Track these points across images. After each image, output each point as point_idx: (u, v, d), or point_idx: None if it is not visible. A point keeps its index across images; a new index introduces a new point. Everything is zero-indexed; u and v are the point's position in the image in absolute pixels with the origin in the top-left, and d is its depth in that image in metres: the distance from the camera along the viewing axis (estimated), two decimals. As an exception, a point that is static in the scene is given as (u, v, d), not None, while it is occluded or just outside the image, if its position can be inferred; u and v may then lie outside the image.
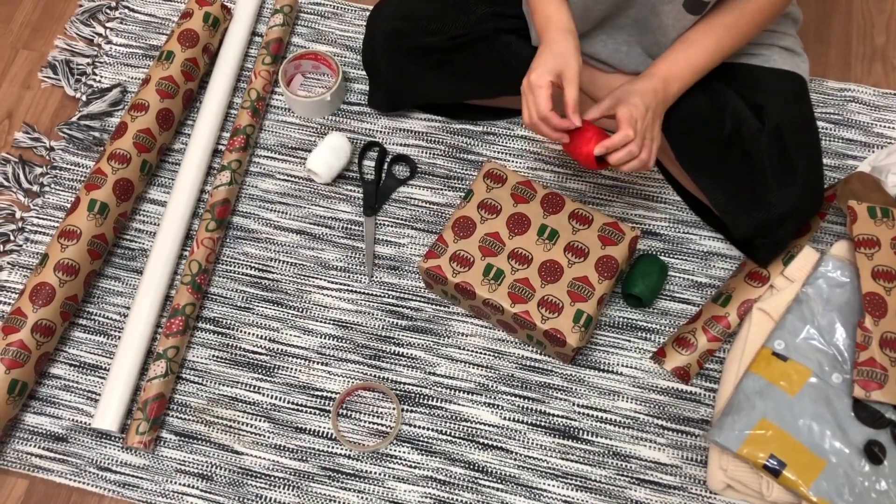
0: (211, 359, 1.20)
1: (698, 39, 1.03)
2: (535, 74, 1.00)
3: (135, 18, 1.45)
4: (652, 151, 1.02)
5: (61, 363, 1.20)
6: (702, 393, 1.17)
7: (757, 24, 1.03)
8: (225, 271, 1.26)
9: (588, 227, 1.15)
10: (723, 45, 1.04)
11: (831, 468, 1.02)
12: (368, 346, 1.20)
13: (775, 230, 1.10)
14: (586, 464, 1.13)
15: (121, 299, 1.24)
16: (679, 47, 1.04)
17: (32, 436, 1.16)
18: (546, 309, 1.10)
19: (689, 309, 1.22)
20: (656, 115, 1.03)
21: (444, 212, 1.29)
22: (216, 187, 1.26)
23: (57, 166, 1.34)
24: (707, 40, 1.03)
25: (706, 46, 1.03)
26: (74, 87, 1.39)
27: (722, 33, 1.03)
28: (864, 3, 1.45)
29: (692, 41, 1.04)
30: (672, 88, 1.04)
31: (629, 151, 0.99)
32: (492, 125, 1.34)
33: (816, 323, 1.11)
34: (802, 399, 1.06)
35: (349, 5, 1.46)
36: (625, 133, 0.98)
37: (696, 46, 1.03)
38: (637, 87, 1.02)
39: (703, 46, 1.03)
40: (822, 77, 1.38)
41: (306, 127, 1.36)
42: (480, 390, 1.17)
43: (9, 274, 1.26)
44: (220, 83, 1.34)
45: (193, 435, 1.16)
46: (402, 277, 1.25)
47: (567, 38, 1.01)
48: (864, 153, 1.31)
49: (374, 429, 1.16)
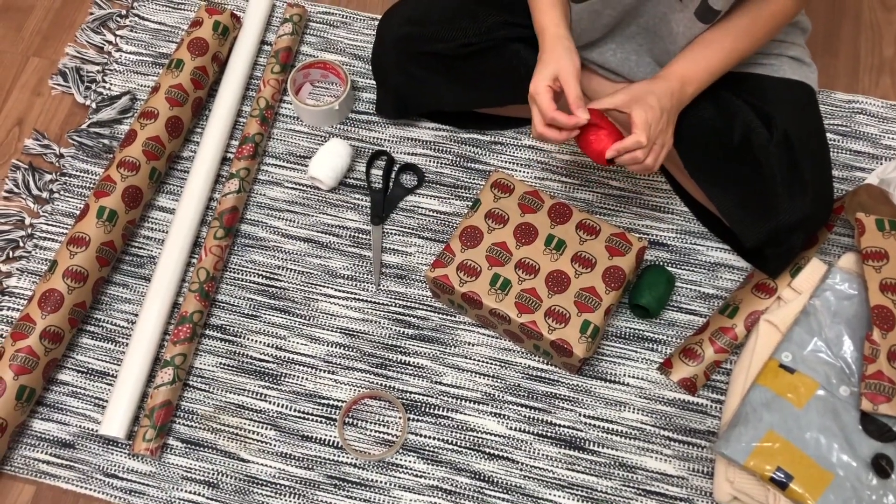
0: (218, 366, 1.20)
1: (716, 41, 1.03)
2: (533, 84, 1.02)
3: (145, 27, 1.46)
4: (659, 157, 1.02)
5: (69, 369, 1.21)
6: (708, 404, 1.17)
7: (771, 30, 1.03)
8: (232, 279, 1.26)
9: (595, 238, 1.15)
10: (739, 48, 1.03)
11: (839, 481, 1.02)
12: (375, 355, 1.21)
13: (785, 240, 1.10)
14: (592, 475, 1.13)
15: (129, 306, 1.25)
16: (697, 48, 1.04)
17: (40, 442, 1.16)
18: (553, 319, 1.10)
19: (696, 320, 1.22)
20: (671, 118, 1.03)
21: (452, 221, 1.29)
22: (224, 195, 1.26)
23: (66, 173, 1.34)
24: (724, 42, 1.03)
25: (723, 49, 1.03)
26: (84, 95, 1.39)
27: (738, 36, 1.02)
28: (873, 15, 1.45)
29: (710, 42, 1.03)
30: (688, 90, 1.04)
31: (634, 157, 1.00)
32: (499, 135, 1.35)
33: (824, 335, 1.11)
34: (810, 412, 1.06)
35: (358, 14, 1.46)
36: (637, 139, 0.98)
37: (714, 48, 1.03)
38: (655, 88, 1.01)
39: (720, 48, 1.03)
40: (830, 88, 1.38)
41: (314, 136, 1.36)
42: (487, 400, 1.17)
43: (18, 280, 1.27)
44: (229, 91, 1.34)
45: (200, 442, 1.16)
46: (408, 286, 1.25)
47: (558, 43, 1.03)
48: (871, 165, 1.31)
49: (380, 438, 1.16)
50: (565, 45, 1.03)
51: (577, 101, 1.01)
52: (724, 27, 1.03)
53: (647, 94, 1.01)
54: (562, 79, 1.01)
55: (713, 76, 1.05)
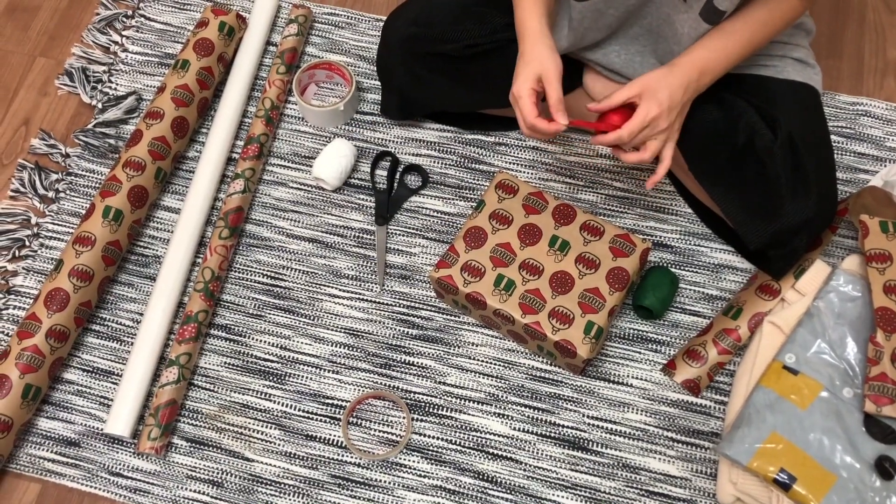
0: (223, 366, 1.21)
1: (736, 31, 1.02)
2: (516, 86, 1.02)
3: (151, 27, 1.47)
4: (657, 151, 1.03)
5: (75, 368, 1.21)
6: (712, 406, 1.17)
7: (785, 23, 1.03)
8: (237, 279, 1.26)
9: (599, 239, 1.15)
10: (755, 39, 1.03)
11: (842, 483, 1.02)
12: (379, 355, 1.21)
13: (789, 241, 1.10)
14: (596, 475, 1.13)
15: (134, 305, 1.25)
16: (717, 36, 1.02)
17: (45, 440, 1.17)
18: (557, 320, 1.10)
19: (700, 321, 1.22)
20: (682, 111, 1.03)
21: (456, 222, 1.30)
22: (230, 195, 1.27)
23: (72, 173, 1.35)
24: (743, 33, 1.02)
25: (741, 39, 1.02)
26: (90, 95, 1.40)
27: (757, 28, 1.02)
28: (877, 17, 1.45)
29: (730, 32, 1.02)
30: (704, 80, 1.03)
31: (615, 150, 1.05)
32: (504, 136, 1.35)
33: (828, 337, 1.11)
34: (813, 413, 1.06)
35: (363, 15, 1.47)
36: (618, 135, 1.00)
37: (734, 38, 1.02)
38: (671, 81, 1.01)
39: (739, 38, 1.02)
40: (835, 91, 1.38)
41: (319, 136, 1.37)
42: (490, 400, 1.18)
43: (24, 279, 1.27)
44: (235, 92, 1.35)
45: (204, 441, 1.16)
46: (413, 287, 1.25)
47: (539, 43, 1.03)
48: (875, 167, 1.31)
49: (384, 437, 1.16)
50: (548, 43, 1.03)
51: (558, 105, 1.01)
52: (744, 18, 1.02)
53: (660, 87, 1.00)
54: (545, 80, 1.01)
55: (729, 67, 1.04)
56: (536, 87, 1.02)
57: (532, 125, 1.02)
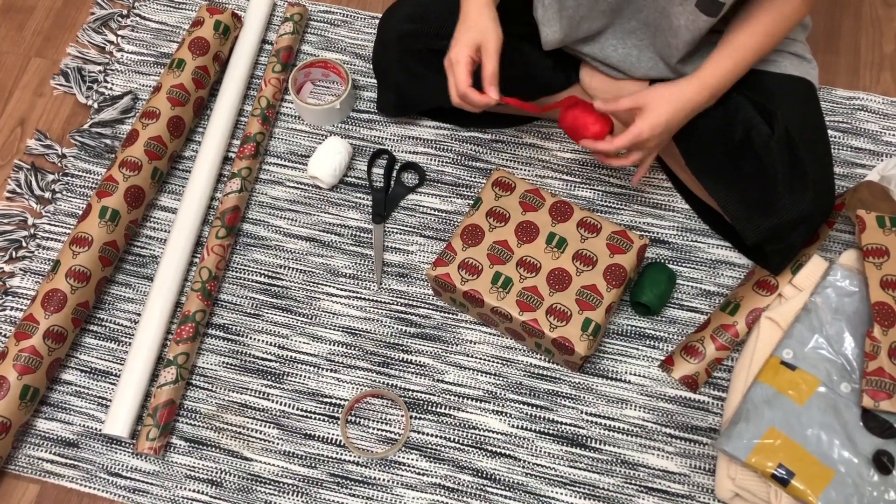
0: (221, 365, 1.21)
1: (745, 45, 1.02)
2: (454, 51, 1.01)
3: (146, 26, 1.47)
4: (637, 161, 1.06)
5: (72, 369, 1.21)
6: (710, 401, 1.17)
7: (788, 28, 1.03)
8: (235, 278, 1.26)
9: (596, 236, 1.15)
10: (763, 49, 1.03)
11: (840, 478, 1.02)
12: (377, 354, 1.21)
13: (786, 236, 1.10)
14: (594, 472, 1.13)
15: (131, 306, 1.25)
16: (726, 53, 1.03)
17: (43, 441, 1.17)
18: (554, 317, 1.10)
19: (697, 317, 1.22)
20: (673, 130, 1.05)
21: (453, 219, 1.30)
22: (226, 194, 1.26)
23: (69, 173, 1.35)
24: (752, 45, 1.02)
25: (748, 55, 1.03)
26: (86, 95, 1.40)
27: (763, 40, 1.02)
28: (874, 12, 1.45)
29: (738, 48, 1.02)
30: (710, 102, 1.05)
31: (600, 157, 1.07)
32: (500, 133, 1.35)
33: (825, 332, 1.11)
34: (811, 408, 1.06)
35: (359, 13, 1.47)
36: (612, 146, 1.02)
37: (741, 53, 1.03)
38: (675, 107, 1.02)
39: (745, 55, 1.03)
40: (831, 85, 1.38)
41: (316, 135, 1.36)
42: (488, 398, 1.18)
43: (21, 280, 1.27)
44: (231, 91, 1.34)
45: (203, 441, 1.16)
46: (410, 285, 1.25)
47: (483, 10, 1.02)
48: (872, 162, 1.31)
49: (383, 436, 1.16)
50: (491, 14, 1.02)
51: (492, 78, 1.01)
52: (753, 28, 1.02)
53: (663, 111, 1.01)
54: (483, 50, 1.01)
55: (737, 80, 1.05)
56: (474, 56, 1.01)
57: (464, 94, 1.01)
